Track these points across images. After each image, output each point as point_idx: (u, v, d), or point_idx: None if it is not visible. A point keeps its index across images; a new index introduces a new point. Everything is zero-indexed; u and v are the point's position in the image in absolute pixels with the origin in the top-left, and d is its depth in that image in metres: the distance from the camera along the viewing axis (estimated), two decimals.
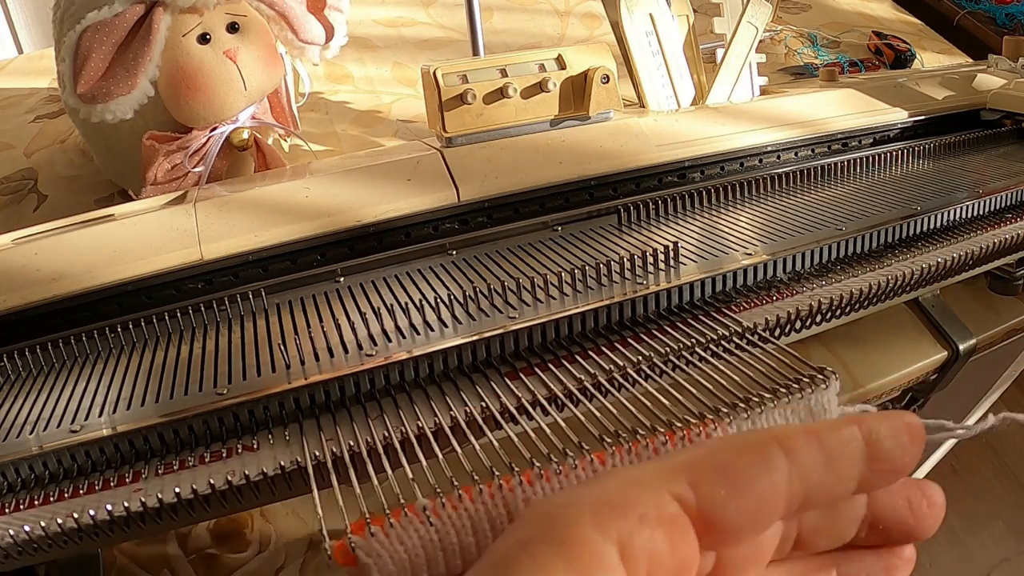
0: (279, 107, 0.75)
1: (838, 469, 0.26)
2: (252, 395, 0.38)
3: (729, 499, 0.24)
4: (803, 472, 0.25)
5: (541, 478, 0.31)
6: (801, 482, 0.25)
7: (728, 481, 0.25)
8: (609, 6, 0.68)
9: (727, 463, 0.25)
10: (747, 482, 0.25)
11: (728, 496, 0.24)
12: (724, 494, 0.24)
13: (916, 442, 0.27)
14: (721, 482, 0.25)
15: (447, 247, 0.53)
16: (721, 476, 0.25)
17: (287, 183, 0.54)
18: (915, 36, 1.11)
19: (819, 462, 0.26)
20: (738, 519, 0.25)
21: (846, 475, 0.26)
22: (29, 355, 0.44)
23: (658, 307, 0.44)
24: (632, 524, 0.23)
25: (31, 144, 0.81)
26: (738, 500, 0.24)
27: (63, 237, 0.50)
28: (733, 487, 0.25)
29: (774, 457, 0.25)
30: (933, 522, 0.30)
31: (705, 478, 0.25)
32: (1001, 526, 1.79)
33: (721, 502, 0.24)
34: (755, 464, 0.25)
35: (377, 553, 0.29)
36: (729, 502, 0.24)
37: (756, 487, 0.25)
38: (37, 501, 0.35)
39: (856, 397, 0.54)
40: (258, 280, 0.50)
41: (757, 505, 0.25)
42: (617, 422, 0.34)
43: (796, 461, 0.25)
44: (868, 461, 0.26)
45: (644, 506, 0.24)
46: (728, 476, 0.25)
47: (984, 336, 0.59)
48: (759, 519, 0.25)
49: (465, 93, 0.56)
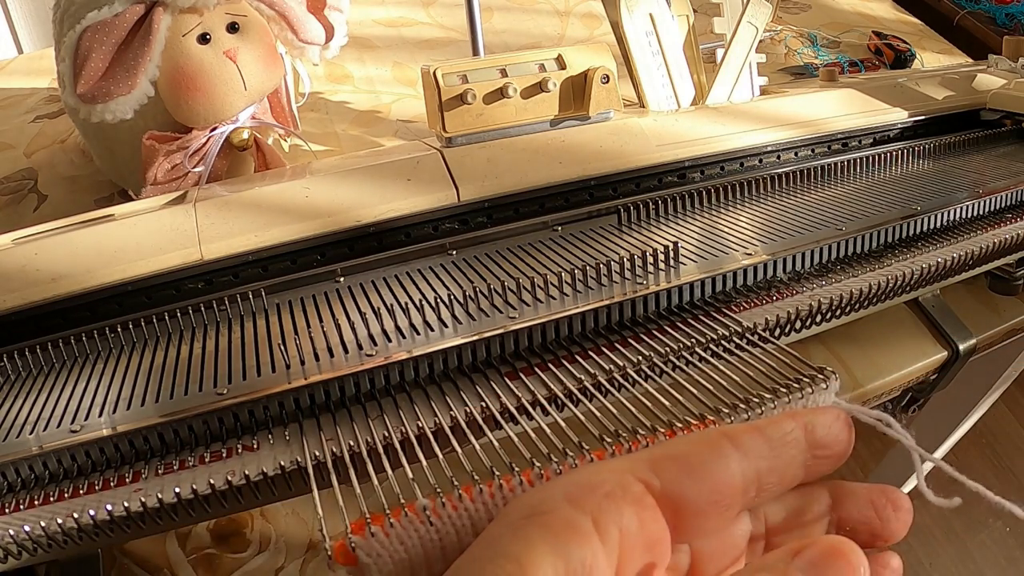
0: (279, 107, 0.74)
1: (783, 456, 0.30)
2: (252, 395, 0.38)
3: (687, 481, 0.28)
4: (751, 459, 0.29)
5: (541, 478, 0.31)
6: (752, 468, 0.29)
7: (685, 467, 0.28)
8: (609, 6, 0.68)
9: (684, 453, 0.29)
10: (702, 467, 0.28)
11: (686, 479, 0.28)
12: (683, 478, 0.28)
13: (846, 430, 0.31)
14: (679, 468, 0.28)
15: (447, 247, 0.53)
16: (679, 463, 0.28)
17: (287, 183, 0.54)
18: (915, 36, 1.11)
19: (764, 451, 0.29)
20: (699, 499, 0.28)
21: (792, 461, 0.30)
22: (29, 355, 0.44)
23: (658, 307, 0.44)
24: (600, 499, 0.27)
25: (31, 144, 0.81)
26: (696, 483, 0.28)
27: (63, 237, 0.49)
28: (691, 472, 0.28)
29: (724, 446, 0.29)
30: (900, 526, 0.33)
31: (665, 465, 0.28)
32: (1001, 526, 1.79)
33: (680, 485, 0.28)
34: (708, 453, 0.29)
35: (377, 553, 0.29)
36: (688, 484, 0.28)
37: (711, 471, 0.28)
38: (37, 501, 0.36)
39: (856, 397, 0.54)
40: (258, 280, 0.50)
41: (714, 486, 0.28)
42: (617, 422, 0.34)
43: (743, 450, 0.29)
44: (809, 448, 0.30)
45: (610, 485, 0.27)
46: (685, 463, 0.28)
47: (984, 336, 0.59)
48: (719, 500, 0.28)
49: (465, 93, 0.56)
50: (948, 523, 1.79)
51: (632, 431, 0.33)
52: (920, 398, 0.65)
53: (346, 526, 0.29)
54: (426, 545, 0.30)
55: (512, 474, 0.31)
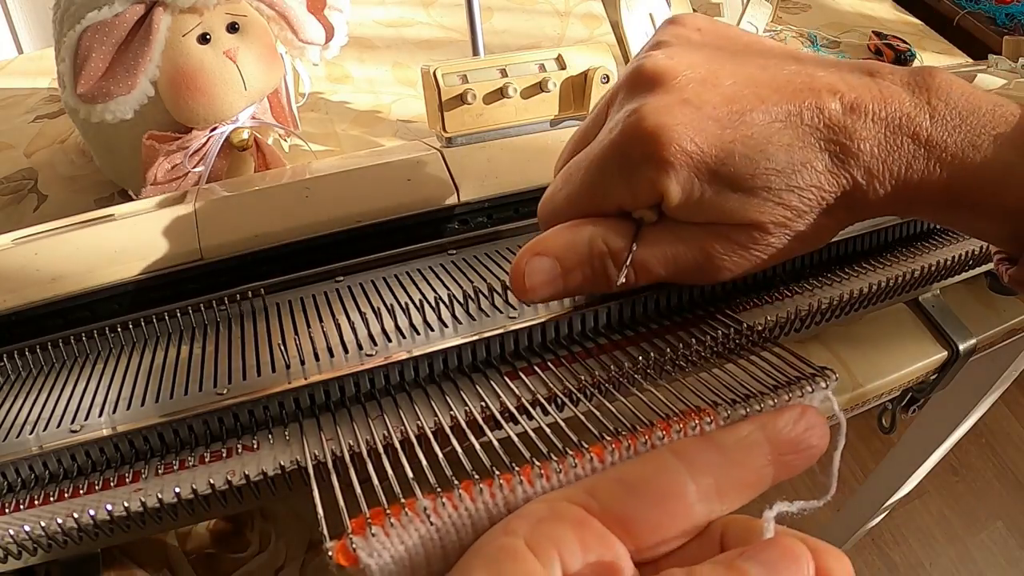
0: (279, 107, 0.74)
1: (743, 462, 0.31)
2: (252, 395, 0.38)
3: (631, 500, 0.29)
4: (702, 470, 0.30)
5: (541, 477, 0.31)
6: (705, 478, 0.30)
7: (626, 487, 0.29)
8: (609, 6, 0.68)
9: (626, 473, 0.30)
10: (645, 484, 0.29)
11: (629, 498, 0.29)
12: (626, 497, 0.29)
13: (813, 428, 0.32)
14: (621, 488, 0.29)
15: (447, 247, 0.53)
16: (620, 484, 0.30)
17: (287, 183, 0.54)
18: (915, 36, 1.11)
19: (717, 460, 0.30)
20: (648, 515, 0.29)
21: (754, 465, 0.31)
22: (29, 355, 0.44)
23: (658, 307, 0.44)
24: (533, 524, 0.28)
25: (31, 144, 0.81)
26: (641, 500, 0.29)
27: (63, 237, 0.50)
28: (633, 491, 0.29)
29: (666, 460, 0.30)
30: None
31: (603, 486, 0.30)
32: (1001, 526, 1.80)
33: (624, 504, 0.29)
34: (651, 470, 0.30)
35: (378, 553, 0.29)
36: (631, 503, 0.29)
37: (655, 487, 0.29)
38: (37, 501, 0.36)
39: (856, 397, 0.54)
40: (258, 280, 0.50)
41: (660, 501, 0.29)
42: (617, 420, 0.34)
43: (690, 462, 0.30)
44: (774, 449, 0.31)
45: (543, 512, 0.29)
46: (626, 483, 0.30)
47: (984, 336, 0.59)
48: (672, 513, 0.29)
49: (465, 93, 0.56)
50: (948, 524, 1.80)
51: (631, 428, 0.33)
52: (920, 398, 0.65)
53: (346, 526, 0.29)
54: (426, 544, 0.30)
55: (512, 473, 0.31)
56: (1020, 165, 0.34)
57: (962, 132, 0.34)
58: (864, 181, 0.35)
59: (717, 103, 0.35)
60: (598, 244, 0.37)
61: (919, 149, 0.35)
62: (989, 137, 0.34)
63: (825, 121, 0.35)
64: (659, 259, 0.38)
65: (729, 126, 0.35)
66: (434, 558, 0.30)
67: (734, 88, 0.36)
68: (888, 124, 0.35)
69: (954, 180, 0.35)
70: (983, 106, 0.35)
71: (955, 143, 0.34)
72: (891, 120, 0.35)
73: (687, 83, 0.36)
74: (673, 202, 0.36)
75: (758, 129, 0.35)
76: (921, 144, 0.35)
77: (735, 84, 0.36)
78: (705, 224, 0.37)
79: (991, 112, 0.35)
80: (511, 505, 0.31)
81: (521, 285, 0.38)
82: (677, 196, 0.36)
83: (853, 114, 0.35)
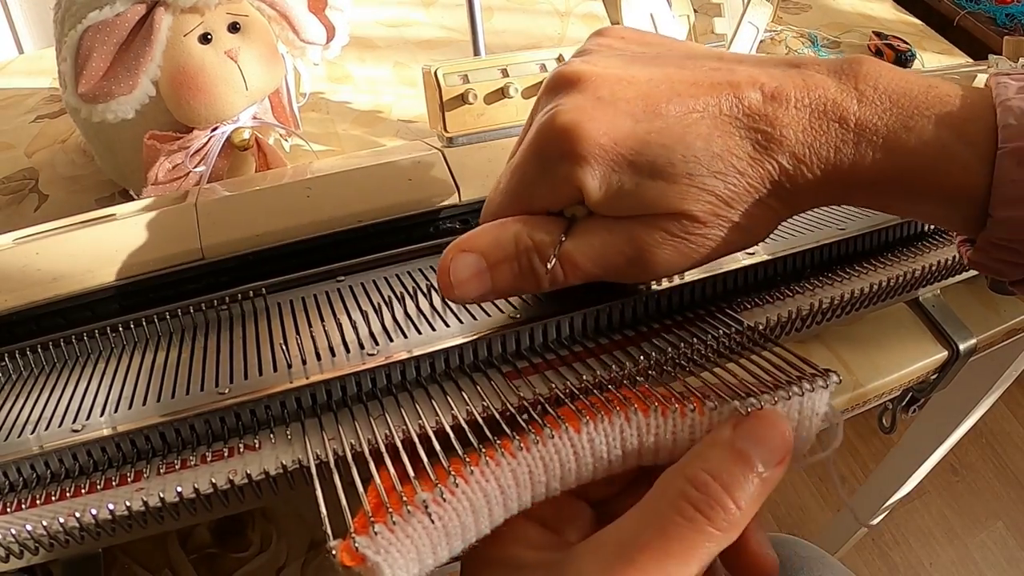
0: (280, 107, 0.75)
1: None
2: (254, 395, 0.38)
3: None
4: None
5: (522, 449, 0.32)
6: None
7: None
8: (610, 6, 0.68)
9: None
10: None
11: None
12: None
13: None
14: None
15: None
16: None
17: (288, 183, 0.54)
18: (915, 36, 1.11)
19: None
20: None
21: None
22: (30, 355, 0.44)
23: (659, 307, 0.44)
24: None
25: (32, 144, 0.81)
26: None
27: (64, 237, 0.50)
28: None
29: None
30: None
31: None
32: (1001, 526, 1.80)
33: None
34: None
35: (384, 549, 0.29)
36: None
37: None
38: (39, 500, 0.36)
39: (856, 397, 0.54)
40: (259, 280, 0.50)
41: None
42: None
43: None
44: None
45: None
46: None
47: (984, 336, 0.59)
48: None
49: (466, 93, 0.56)
50: (948, 524, 1.80)
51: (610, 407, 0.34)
52: (920, 398, 0.65)
53: (349, 525, 0.29)
54: (430, 533, 0.30)
55: (495, 448, 0.32)
56: (956, 145, 0.34)
57: (893, 115, 0.34)
58: (791, 166, 0.35)
59: (631, 98, 0.36)
60: (523, 239, 0.37)
61: (848, 133, 0.35)
62: (923, 118, 0.34)
63: (744, 110, 0.35)
64: (587, 253, 0.37)
65: (643, 119, 0.35)
66: (439, 544, 0.30)
67: (650, 85, 0.36)
68: (813, 110, 0.35)
69: (889, 163, 0.35)
70: (915, 88, 0.35)
71: (886, 126, 0.34)
72: (815, 106, 0.35)
73: (602, 83, 0.36)
74: (593, 196, 0.36)
75: (673, 120, 0.35)
76: (850, 128, 0.35)
77: (651, 82, 0.36)
78: (634, 217, 0.37)
79: (924, 93, 0.35)
80: (501, 481, 0.32)
81: (447, 282, 0.38)
82: (596, 190, 0.36)
83: (774, 102, 0.35)
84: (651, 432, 0.34)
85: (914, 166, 0.35)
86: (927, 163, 0.35)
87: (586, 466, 0.33)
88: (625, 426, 0.34)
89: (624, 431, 0.34)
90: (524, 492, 0.33)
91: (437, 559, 0.31)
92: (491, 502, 0.32)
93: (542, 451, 0.33)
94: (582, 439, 0.33)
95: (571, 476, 0.33)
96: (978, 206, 0.35)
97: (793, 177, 0.35)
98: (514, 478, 0.32)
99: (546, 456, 0.33)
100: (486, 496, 0.32)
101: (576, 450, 0.33)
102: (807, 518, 1.72)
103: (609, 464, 0.34)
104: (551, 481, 0.33)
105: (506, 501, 0.32)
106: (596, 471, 0.34)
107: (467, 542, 0.32)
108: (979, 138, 0.34)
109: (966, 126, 0.34)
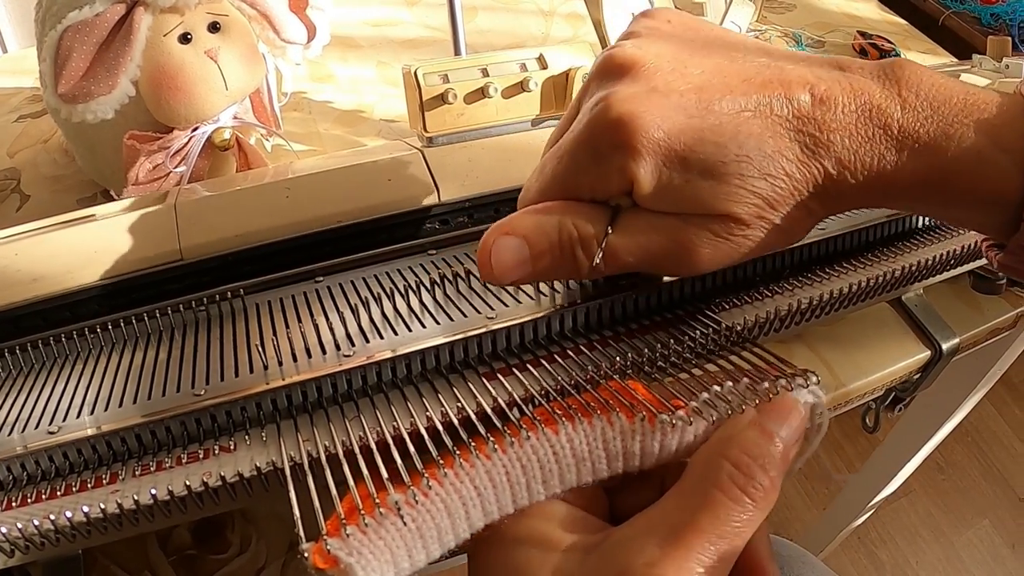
0: (261, 107, 0.74)
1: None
2: (229, 396, 0.38)
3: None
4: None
5: (496, 451, 0.32)
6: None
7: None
8: (591, 5, 0.68)
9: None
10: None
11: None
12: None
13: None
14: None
15: (427, 247, 0.53)
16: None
17: (268, 183, 0.54)
18: (900, 36, 1.11)
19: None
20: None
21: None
22: (8, 356, 0.44)
23: (636, 307, 0.44)
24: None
25: (14, 144, 0.80)
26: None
27: (44, 237, 0.49)
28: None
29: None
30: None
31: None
32: (987, 524, 1.80)
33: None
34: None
35: (357, 551, 0.29)
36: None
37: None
38: (15, 502, 0.35)
39: (839, 397, 0.54)
40: (238, 280, 0.50)
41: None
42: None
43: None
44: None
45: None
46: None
47: (967, 335, 0.59)
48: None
49: (446, 93, 0.56)
50: (935, 522, 1.80)
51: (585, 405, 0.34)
52: (904, 397, 0.65)
53: (321, 528, 0.29)
54: (404, 536, 0.30)
55: (469, 450, 0.32)
56: (993, 152, 0.34)
57: (934, 122, 0.35)
58: (836, 171, 0.36)
59: (685, 91, 0.36)
60: (568, 228, 0.37)
61: (891, 139, 0.35)
62: (962, 126, 0.35)
63: (795, 112, 0.35)
64: (630, 247, 0.37)
65: (697, 115, 0.35)
66: (413, 545, 0.30)
67: (702, 77, 0.36)
68: (859, 116, 0.35)
69: (928, 169, 0.35)
70: (955, 95, 0.35)
71: (927, 133, 0.35)
72: (862, 112, 0.35)
73: (655, 72, 0.36)
74: (644, 190, 0.36)
75: (727, 118, 0.35)
76: (893, 134, 0.35)
77: (703, 74, 0.36)
78: (680, 214, 0.37)
79: (963, 101, 0.35)
80: (476, 482, 0.32)
81: (488, 263, 0.38)
82: (647, 184, 0.36)
83: (823, 106, 0.35)
84: (635, 436, 0.34)
85: (953, 172, 0.35)
86: (965, 169, 0.35)
87: (568, 467, 0.33)
88: (607, 428, 0.34)
89: (606, 432, 0.34)
90: (503, 494, 0.33)
91: (413, 562, 0.31)
92: (467, 504, 0.32)
93: (518, 452, 0.33)
94: (560, 440, 0.33)
95: (554, 479, 0.33)
96: (1013, 210, 0.35)
97: (837, 182, 0.36)
98: (490, 480, 0.32)
99: (523, 457, 0.33)
100: (461, 498, 0.32)
101: (556, 451, 0.33)
102: (793, 516, 1.73)
103: (593, 467, 0.34)
104: (532, 483, 0.33)
105: (484, 503, 0.32)
106: (581, 474, 0.34)
107: (445, 545, 0.32)
108: (1016, 145, 0.34)
109: (1002, 132, 0.35)
